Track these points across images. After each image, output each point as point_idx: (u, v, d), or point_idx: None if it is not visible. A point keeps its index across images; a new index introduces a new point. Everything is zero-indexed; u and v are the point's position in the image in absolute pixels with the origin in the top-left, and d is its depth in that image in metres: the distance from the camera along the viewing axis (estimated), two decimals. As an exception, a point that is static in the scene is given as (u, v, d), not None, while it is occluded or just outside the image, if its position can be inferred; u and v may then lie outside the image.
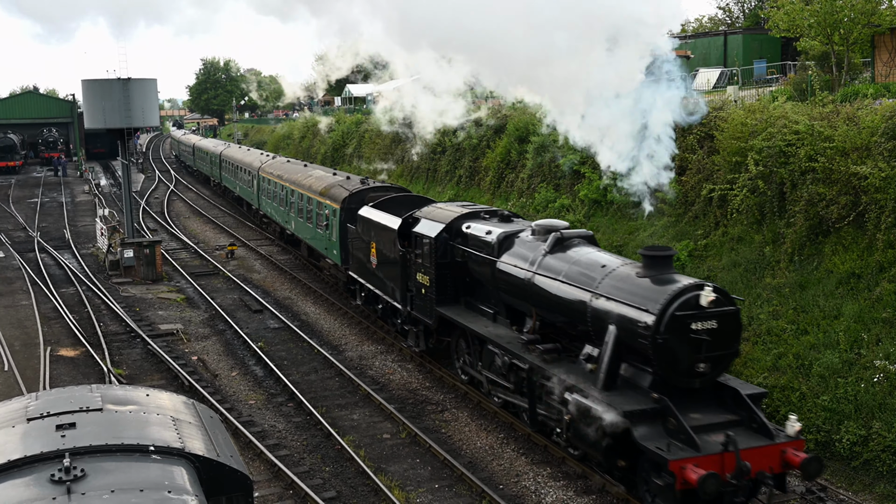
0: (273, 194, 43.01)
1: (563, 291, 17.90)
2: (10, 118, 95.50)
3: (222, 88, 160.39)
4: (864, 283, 21.39)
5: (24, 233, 51.01)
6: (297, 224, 37.58)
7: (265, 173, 45.42)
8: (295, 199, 37.42)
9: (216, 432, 9.60)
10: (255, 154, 55.40)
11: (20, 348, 27.04)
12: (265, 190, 45.36)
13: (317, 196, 33.48)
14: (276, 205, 42.31)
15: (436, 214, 23.67)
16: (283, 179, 40.42)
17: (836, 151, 23.37)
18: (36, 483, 7.53)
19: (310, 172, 38.25)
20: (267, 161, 48.12)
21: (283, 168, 43.22)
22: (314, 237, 34.56)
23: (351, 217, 29.18)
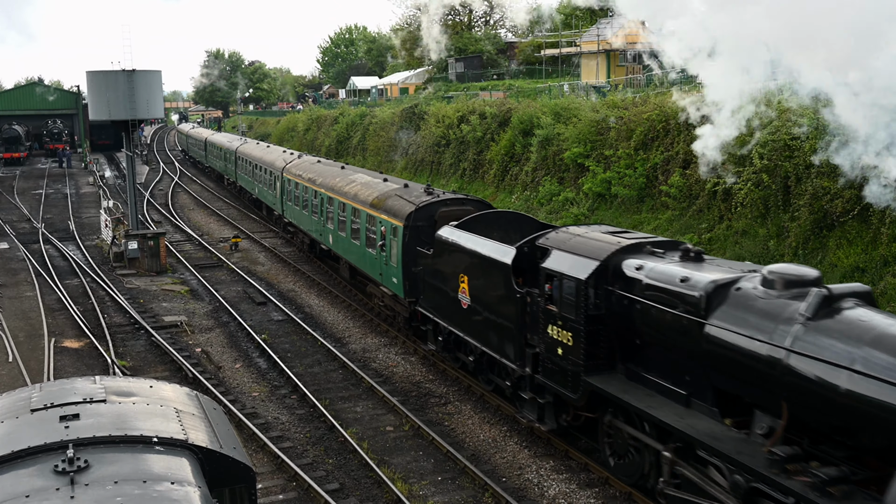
0: (302, 200, 37.49)
1: (857, 389, 11.19)
2: (14, 109, 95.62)
3: (227, 80, 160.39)
4: (868, 277, 21.37)
5: (28, 224, 51.09)
6: (337, 239, 31.82)
7: (291, 175, 40.00)
8: (334, 208, 31.82)
9: (219, 424, 9.61)
10: (277, 152, 49.16)
11: (24, 339, 27.11)
12: (291, 194, 39.78)
13: (366, 208, 27.96)
14: (307, 213, 36.68)
15: (577, 245, 17.34)
16: (317, 184, 35.00)
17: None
18: (39, 474, 7.55)
19: (351, 177, 32.53)
20: (293, 161, 42.42)
21: (314, 170, 37.41)
22: (362, 258, 28.72)
23: (420, 238, 23.94)
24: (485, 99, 54.86)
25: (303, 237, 39.41)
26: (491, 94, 59.35)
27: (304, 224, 37.48)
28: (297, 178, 38.42)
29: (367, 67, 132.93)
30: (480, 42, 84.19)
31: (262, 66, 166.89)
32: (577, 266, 16.60)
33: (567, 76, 64.95)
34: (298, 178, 38.23)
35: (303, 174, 37.87)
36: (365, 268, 28.49)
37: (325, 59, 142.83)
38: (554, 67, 69.26)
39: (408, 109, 59.26)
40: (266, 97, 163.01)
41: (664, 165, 31.64)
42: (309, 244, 38.63)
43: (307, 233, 37.49)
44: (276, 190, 43.37)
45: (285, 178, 40.99)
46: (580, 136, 36.20)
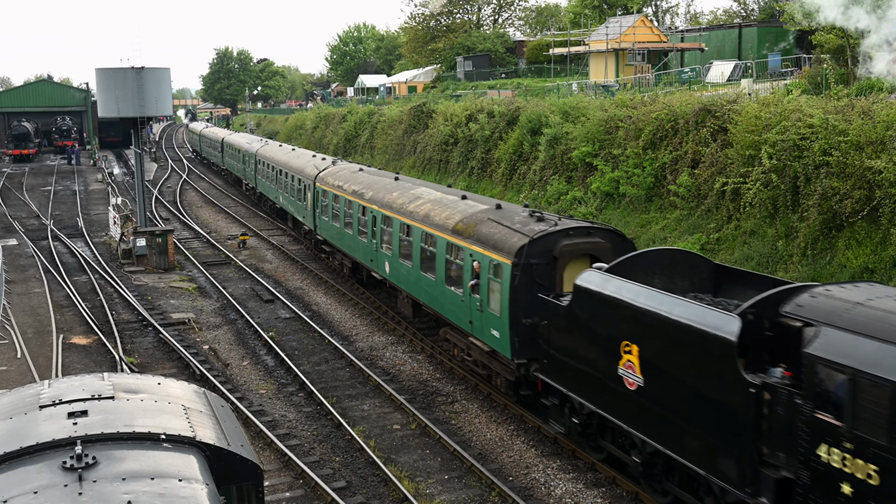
0: (343, 217, 32.02)
1: None
2: (24, 106, 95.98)
3: (235, 78, 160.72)
4: (877, 277, 21.28)
5: (37, 221, 51.24)
6: (398, 269, 26.21)
7: (327, 185, 34.49)
8: (393, 230, 26.43)
9: (227, 421, 9.62)
10: (306, 157, 42.98)
11: (33, 336, 27.19)
12: (328, 209, 34.17)
13: (446, 234, 22.55)
14: (350, 233, 31.15)
15: (876, 324, 11.53)
16: (366, 199, 29.43)
17: (850, 145, 23.25)
18: (48, 470, 7.57)
19: (414, 191, 26.97)
20: (327, 168, 36.75)
21: (359, 181, 31.62)
22: (437, 296, 23.31)
23: (535, 280, 18.86)
24: (493, 97, 54.81)
25: (342, 259, 33.97)
26: (499, 93, 59.30)
27: (346, 245, 32.08)
28: (336, 190, 33.07)
29: (375, 66, 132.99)
30: (489, 40, 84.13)
31: (270, 63, 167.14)
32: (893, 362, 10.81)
33: (576, 75, 64.87)
34: (337, 189, 32.91)
35: (343, 185, 32.50)
36: (442, 309, 23.01)
37: (333, 57, 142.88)
38: (562, 66, 69.18)
39: (416, 108, 59.24)
40: (274, 95, 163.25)
41: (672, 165, 31.56)
42: (351, 268, 33.18)
43: (349, 255, 32.12)
44: (306, 201, 37.82)
45: (319, 188, 35.55)
46: (588, 135, 36.13)
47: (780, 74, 46.71)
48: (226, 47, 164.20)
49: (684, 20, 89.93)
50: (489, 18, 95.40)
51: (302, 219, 39.87)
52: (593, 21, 72.25)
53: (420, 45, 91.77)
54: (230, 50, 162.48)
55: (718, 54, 59.69)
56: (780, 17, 52.68)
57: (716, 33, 63.19)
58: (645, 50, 60.26)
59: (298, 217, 40.75)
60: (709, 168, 29.43)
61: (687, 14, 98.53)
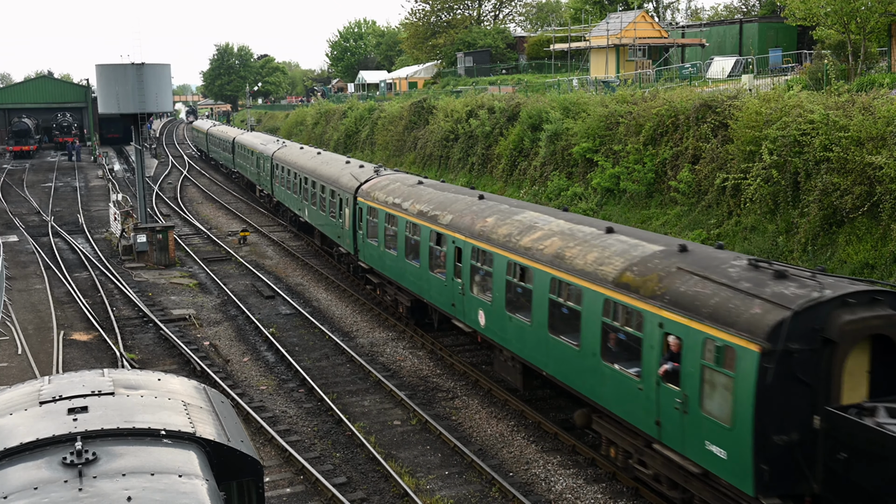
0: (404, 245, 25.55)
1: None
2: (24, 103, 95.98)
3: (236, 74, 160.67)
4: (878, 273, 21.28)
5: (38, 217, 51.25)
6: (518, 331, 19.29)
7: (375, 202, 27.90)
8: (495, 270, 19.98)
9: (227, 417, 9.62)
10: (337, 163, 35.75)
11: (34, 332, 27.21)
12: (378, 231, 27.64)
13: (604, 289, 15.99)
14: (418, 267, 24.56)
15: None
16: (443, 224, 22.92)
17: (851, 141, 23.24)
18: (48, 466, 7.56)
19: (520, 217, 20.47)
20: (371, 179, 30.05)
21: (424, 198, 25.18)
22: (599, 378, 16.40)
23: (796, 376, 12.65)
24: (493, 93, 54.80)
25: (396, 294, 27.18)
26: (500, 89, 59.27)
27: (409, 280, 25.32)
28: (390, 208, 26.53)
29: (375, 62, 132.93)
30: (489, 36, 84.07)
31: (271, 59, 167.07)
32: None
33: (576, 71, 64.82)
34: (393, 207, 26.37)
35: (402, 203, 25.94)
36: (593, 392, 16.70)
37: (333, 53, 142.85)
38: (563, 62, 69.13)
39: (416, 104, 59.23)
40: (275, 91, 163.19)
41: (673, 161, 31.56)
42: (410, 307, 26.22)
43: (411, 292, 25.44)
44: (343, 219, 31.27)
45: (362, 204, 29.00)
46: (589, 131, 36.13)
47: (781, 70, 46.68)
48: (226, 43, 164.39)
49: (685, 16, 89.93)
50: (490, 14, 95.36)
51: (336, 239, 32.93)
52: (594, 17, 72.19)
53: (420, 40, 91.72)
54: (230, 46, 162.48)
55: (719, 50, 59.64)
56: (780, 12, 52.63)
57: (717, 29, 63.14)
58: (646, 46, 60.20)
59: (331, 236, 34.06)
60: (709, 164, 29.43)
61: (688, 10, 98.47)
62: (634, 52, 59.90)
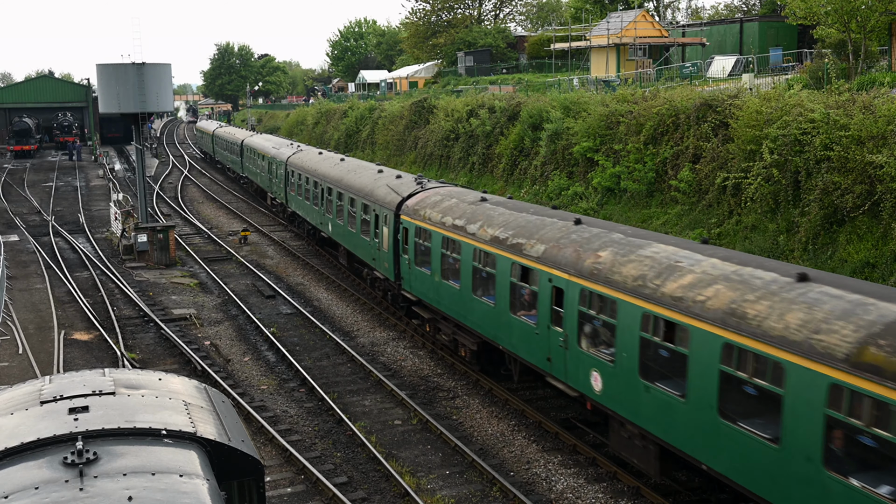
0: (481, 282, 20.94)
1: None
2: (25, 102, 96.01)
3: (236, 74, 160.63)
4: (878, 272, 21.28)
5: (38, 217, 51.26)
6: (668, 412, 14.61)
7: (428, 222, 23.35)
8: (622, 321, 15.57)
9: (228, 417, 9.62)
10: (368, 172, 31.13)
11: (34, 332, 27.22)
12: (434, 260, 23.05)
13: (779, 352, 12.25)
14: (493, 309, 20.17)
15: None
16: (530, 256, 18.59)
17: (851, 140, 23.24)
18: (49, 466, 7.57)
19: (649, 251, 16.12)
20: (416, 194, 25.52)
21: (500, 221, 20.56)
22: (761, 464, 12.74)
23: None
24: (494, 93, 54.79)
25: (467, 339, 22.24)
26: (500, 88, 59.24)
27: (495, 327, 20.26)
28: (453, 233, 21.93)
29: (376, 61, 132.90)
30: (490, 36, 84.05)
31: (271, 59, 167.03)
32: None
33: (577, 70, 64.80)
34: (456, 231, 21.82)
35: (469, 226, 21.38)
36: None
37: (334, 52, 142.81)
38: (563, 61, 69.10)
39: (417, 103, 59.22)
40: (275, 90, 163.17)
41: (674, 160, 31.55)
42: (478, 351, 21.86)
43: (502, 346, 20.12)
44: (381, 239, 26.86)
45: (408, 224, 24.68)
46: (590, 131, 36.12)
47: (782, 69, 46.66)
48: (227, 42, 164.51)
49: (686, 15, 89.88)
50: (490, 14, 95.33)
51: (371, 262, 28.34)
52: (594, 16, 72.16)
53: (421, 40, 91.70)
54: (231, 45, 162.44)
55: (720, 49, 59.61)
56: (781, 11, 52.61)
57: (717, 28, 63.11)
58: (646, 45, 60.18)
59: (363, 257, 29.64)
60: (710, 163, 29.42)
61: (688, 9, 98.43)
62: (635, 52, 59.87)
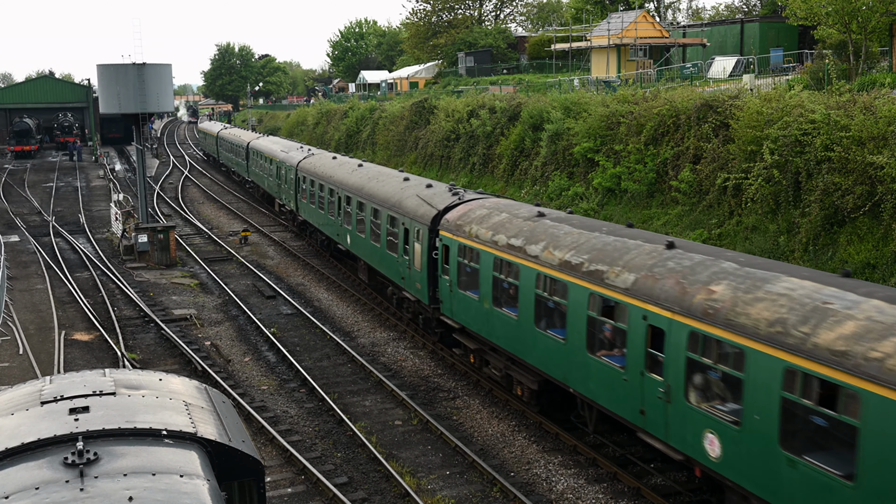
0: (529, 305, 18.49)
1: None
2: (25, 102, 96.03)
3: (237, 74, 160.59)
4: (879, 273, 21.28)
5: (39, 217, 51.27)
6: (827, 494, 11.74)
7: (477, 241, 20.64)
8: (752, 375, 12.75)
9: (228, 417, 9.62)
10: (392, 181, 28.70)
11: (35, 332, 27.22)
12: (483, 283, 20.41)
13: None
14: (564, 345, 17.42)
15: None
16: (615, 286, 15.82)
17: (852, 141, 23.23)
18: (49, 466, 7.57)
19: (780, 287, 13.24)
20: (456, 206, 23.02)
21: (568, 241, 17.81)
22: None
23: None
24: (495, 93, 54.77)
25: (507, 368, 20.15)
26: (501, 89, 59.23)
27: (565, 366, 17.47)
28: (508, 253, 19.20)
29: (376, 62, 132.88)
30: (490, 36, 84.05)
31: (272, 59, 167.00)
32: None
33: (577, 71, 64.80)
34: (511, 252, 19.08)
35: (529, 246, 18.54)
36: None
37: (335, 52, 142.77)
38: (564, 62, 69.10)
39: (417, 104, 59.21)
40: (276, 91, 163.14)
41: (674, 160, 31.54)
42: (538, 391, 19.19)
43: (574, 390, 17.38)
44: (412, 256, 24.41)
45: (452, 241, 21.91)
46: (590, 131, 36.12)
47: (783, 70, 46.64)
48: (227, 43, 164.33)
49: (686, 16, 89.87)
50: (491, 14, 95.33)
51: (400, 281, 25.81)
52: (595, 16, 72.15)
53: (422, 40, 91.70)
54: (232, 46, 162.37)
55: (720, 50, 59.60)
56: (782, 12, 52.60)
57: (718, 29, 63.09)
58: (647, 45, 60.17)
59: (389, 275, 26.86)
60: (710, 163, 29.41)
61: (689, 9, 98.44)
62: (635, 52, 59.86)
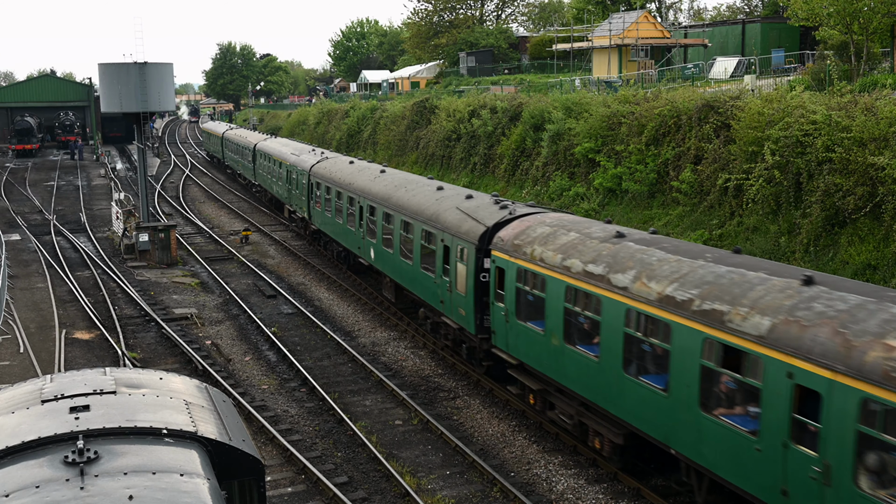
0: (617, 346, 15.90)
1: None
2: (27, 101, 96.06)
3: (238, 73, 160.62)
4: (880, 274, 21.27)
5: (40, 216, 51.28)
6: None
7: (543, 265, 18.01)
8: None
9: (229, 416, 9.62)
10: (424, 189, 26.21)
11: (36, 331, 27.22)
12: (550, 315, 17.92)
13: None
14: (666, 399, 14.69)
15: None
16: (745, 333, 12.84)
17: (853, 142, 23.22)
18: (49, 464, 7.57)
19: None
20: (511, 223, 20.33)
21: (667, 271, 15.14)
22: None
23: None
24: (496, 93, 54.76)
25: (581, 416, 17.68)
26: (502, 89, 59.22)
27: (665, 422, 14.87)
28: (587, 282, 16.59)
29: (378, 61, 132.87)
30: (492, 36, 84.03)
31: (273, 59, 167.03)
32: None
33: (579, 71, 64.78)
34: (592, 282, 16.46)
35: (615, 275, 15.99)
36: None
37: (336, 52, 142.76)
38: (565, 62, 69.08)
39: (419, 103, 59.21)
40: (277, 90, 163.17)
41: (675, 161, 31.54)
42: (623, 445, 16.74)
43: (676, 451, 14.75)
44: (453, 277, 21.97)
45: (510, 265, 19.27)
46: (591, 131, 36.11)
47: (784, 70, 46.62)
48: (229, 42, 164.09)
49: (688, 16, 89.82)
50: (492, 14, 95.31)
51: (439, 305, 23.12)
52: (596, 17, 72.13)
53: (423, 40, 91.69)
54: (233, 45, 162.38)
55: (722, 50, 59.57)
56: (783, 12, 52.57)
57: (719, 29, 63.06)
58: (648, 46, 60.15)
59: (426, 298, 24.19)
60: (711, 164, 29.40)
61: (690, 10, 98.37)
62: (637, 53, 59.84)
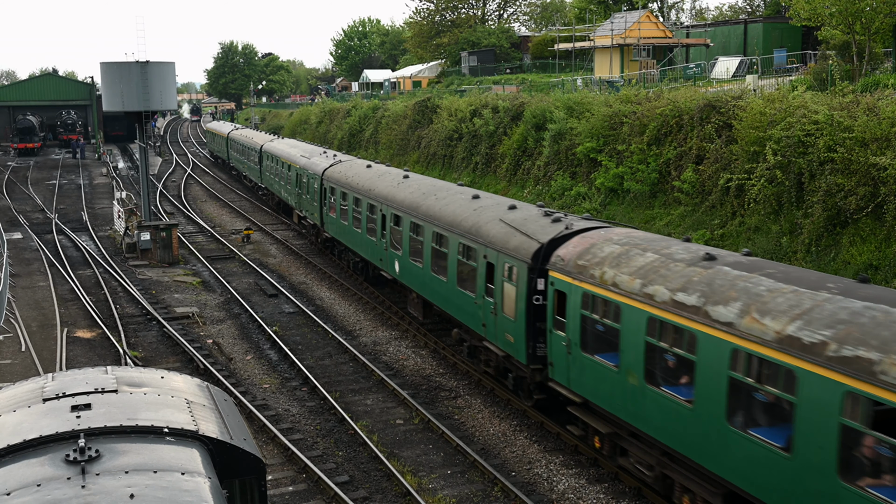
0: (719, 391, 13.28)
1: None
2: (29, 100, 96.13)
3: (240, 72, 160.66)
4: (881, 274, 21.25)
5: (42, 214, 51.31)
6: None
7: (616, 291, 15.73)
8: None
9: (230, 415, 9.63)
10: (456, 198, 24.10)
11: (37, 329, 27.24)
12: (626, 350, 15.51)
13: None
14: (791, 463, 11.93)
15: None
16: None
17: (855, 142, 23.21)
18: (51, 463, 7.58)
19: None
20: (571, 240, 18.16)
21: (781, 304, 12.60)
22: None
23: None
24: (498, 93, 54.75)
25: (659, 463, 15.45)
26: (504, 88, 59.21)
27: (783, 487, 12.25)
28: (677, 314, 14.26)
29: (380, 61, 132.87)
30: (493, 36, 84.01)
31: (275, 58, 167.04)
32: None
33: (580, 70, 64.77)
34: (682, 314, 14.14)
35: (722, 312, 13.41)
36: None
37: (338, 51, 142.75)
38: (567, 62, 69.06)
39: (420, 103, 59.19)
40: (279, 89, 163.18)
41: (677, 161, 31.52)
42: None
43: None
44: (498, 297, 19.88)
45: (574, 289, 17.19)
46: (593, 131, 36.10)
47: (786, 70, 46.59)
48: (230, 41, 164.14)
49: (690, 16, 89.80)
50: (494, 14, 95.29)
51: (480, 328, 21.00)
52: (598, 16, 72.10)
53: (425, 39, 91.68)
54: (235, 44, 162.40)
55: (724, 50, 59.55)
56: (785, 12, 52.54)
57: (721, 29, 63.04)
58: (650, 46, 60.12)
59: (465, 320, 21.97)
60: (713, 164, 29.39)
61: (692, 10, 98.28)
62: (639, 52, 59.82)
